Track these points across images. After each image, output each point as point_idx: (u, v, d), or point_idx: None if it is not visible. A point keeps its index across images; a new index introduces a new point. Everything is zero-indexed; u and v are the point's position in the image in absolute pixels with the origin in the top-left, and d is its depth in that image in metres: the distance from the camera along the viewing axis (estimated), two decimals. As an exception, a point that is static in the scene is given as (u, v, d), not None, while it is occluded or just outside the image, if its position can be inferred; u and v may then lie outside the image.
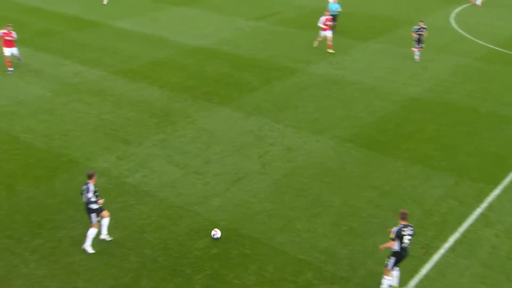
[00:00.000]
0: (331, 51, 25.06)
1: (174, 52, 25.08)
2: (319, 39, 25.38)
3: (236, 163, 16.05)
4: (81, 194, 12.34)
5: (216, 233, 12.89)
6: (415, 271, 12.12)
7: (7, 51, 21.61)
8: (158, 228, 13.27)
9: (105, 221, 12.56)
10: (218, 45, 26.09)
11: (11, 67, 21.87)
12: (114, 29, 28.00)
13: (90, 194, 12.07)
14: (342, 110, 19.61)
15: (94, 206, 12.20)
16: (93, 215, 12.28)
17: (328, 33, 24.99)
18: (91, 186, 12.15)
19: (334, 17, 27.16)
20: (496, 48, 26.38)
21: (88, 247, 12.36)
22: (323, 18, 25.10)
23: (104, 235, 12.69)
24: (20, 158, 16.07)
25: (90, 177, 12.24)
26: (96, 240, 12.66)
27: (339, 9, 27.76)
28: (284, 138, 17.50)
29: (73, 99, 20.05)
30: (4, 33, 21.36)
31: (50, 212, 13.73)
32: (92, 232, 12.32)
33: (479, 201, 14.61)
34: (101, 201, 12.39)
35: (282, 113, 19.25)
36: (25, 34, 26.67)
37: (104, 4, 32.57)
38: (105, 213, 12.50)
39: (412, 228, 11.10)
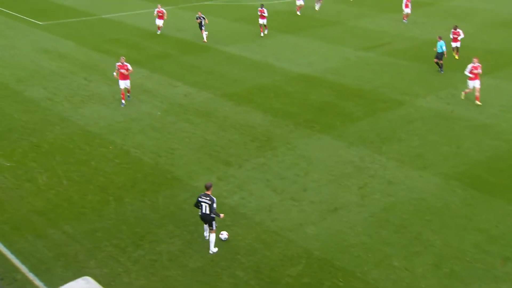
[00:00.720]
0: (478, 103, 22.11)
1: (280, 78, 25.63)
2: (467, 90, 22.44)
3: (334, 192, 15.96)
4: (197, 205, 13.25)
5: (223, 234, 13.56)
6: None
7: (122, 84, 21.90)
8: (251, 251, 13.49)
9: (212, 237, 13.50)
10: (324, 73, 26.28)
11: (124, 100, 22.20)
12: (223, 54, 29.24)
13: (215, 205, 13.11)
14: (449, 146, 18.85)
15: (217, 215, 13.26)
16: (214, 222, 13.24)
17: (477, 84, 22.05)
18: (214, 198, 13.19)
19: (440, 55, 25.92)
20: None
21: (213, 249, 13.38)
22: (470, 66, 21.88)
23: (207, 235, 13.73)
24: (129, 172, 17.18)
25: (208, 188, 13.25)
26: (193, 257, 13.15)
27: (444, 48, 25.94)
28: (386, 171, 17.14)
29: (181, 119, 21.14)
30: (119, 65, 21.78)
31: (152, 226, 14.49)
32: (213, 237, 13.33)
33: None
34: (222, 215, 13.40)
35: (385, 145, 18.90)
36: (143, 56, 28.69)
37: (212, 34, 34.11)
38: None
39: None
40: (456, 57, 25.84)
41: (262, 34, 32.31)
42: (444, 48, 25.78)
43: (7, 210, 15.27)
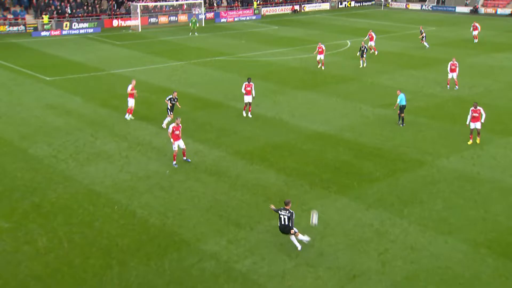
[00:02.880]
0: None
1: (294, 136, 25.84)
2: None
3: (352, 258, 15.70)
4: (283, 221, 15.68)
5: (313, 217, 15.89)
6: None
7: (175, 145, 22.23)
8: (264, 321, 13.16)
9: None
10: (340, 131, 26.47)
11: (175, 160, 22.25)
12: (236, 110, 29.65)
13: (293, 217, 15.86)
14: (476, 210, 18.60)
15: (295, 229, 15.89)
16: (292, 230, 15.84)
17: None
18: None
19: (402, 108, 26.82)
20: None
21: (304, 238, 16.07)
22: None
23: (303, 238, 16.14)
24: (134, 234, 17.12)
25: (287, 204, 15.81)
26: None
27: (404, 102, 26.79)
28: (408, 236, 16.89)
29: (190, 178, 21.23)
30: (174, 127, 22.11)
31: (157, 292, 14.27)
32: (296, 237, 15.99)
33: None
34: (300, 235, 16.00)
35: (406, 208, 18.72)
36: (153, 112, 29.18)
37: (231, 90, 34.77)
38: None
39: None
40: (478, 141, 24.93)
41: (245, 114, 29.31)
42: (404, 102, 26.96)
43: (3, 275, 15.16)
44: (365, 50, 40.62)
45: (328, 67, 40.63)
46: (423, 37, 48.95)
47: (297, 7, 79.43)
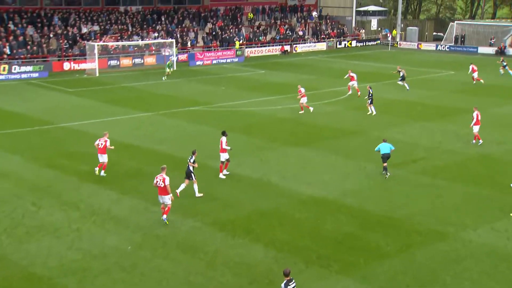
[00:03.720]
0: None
1: (286, 202, 25.78)
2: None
3: None
4: None
5: None
6: None
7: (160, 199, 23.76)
8: None
9: None
10: (342, 196, 26.49)
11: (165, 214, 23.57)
12: (213, 170, 29.60)
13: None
14: (510, 293, 18.47)
15: None
16: None
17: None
18: None
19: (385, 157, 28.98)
20: None
21: None
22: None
23: None
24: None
25: (287, 274, 16.55)
26: None
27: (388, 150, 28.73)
28: (428, 327, 16.63)
29: (158, 255, 20.94)
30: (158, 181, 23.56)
31: None
32: None
33: None
34: None
35: (425, 291, 18.54)
36: (111, 175, 29.03)
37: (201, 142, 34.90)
38: None
39: None
40: None
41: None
42: (387, 151, 28.81)
43: None
44: (370, 94, 42.10)
45: (326, 118, 41.10)
46: (401, 77, 52.23)
47: (287, 48, 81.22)
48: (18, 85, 54.99)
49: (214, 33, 77.11)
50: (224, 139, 28.67)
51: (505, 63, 60.54)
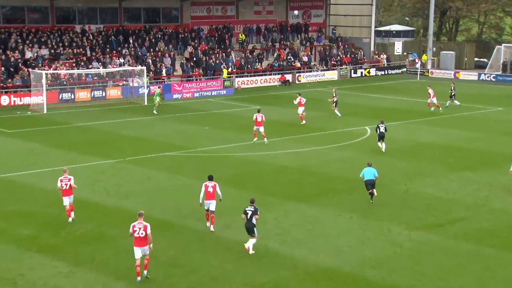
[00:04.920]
0: None
1: (287, 275, 25.62)
2: None
3: None
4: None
5: None
6: None
7: (138, 253, 24.95)
8: None
9: None
10: (360, 267, 26.36)
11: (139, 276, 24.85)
12: (194, 233, 29.42)
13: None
14: None
15: None
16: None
17: None
18: None
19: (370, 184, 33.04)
20: None
21: None
22: None
23: None
24: None
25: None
26: None
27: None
28: None
29: None
30: (134, 229, 24.95)
31: None
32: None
33: None
34: None
35: None
36: (61, 240, 28.82)
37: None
38: None
39: None
40: None
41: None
42: (372, 177, 32.59)
43: None
44: (378, 128, 44.53)
45: (338, 166, 41.10)
46: (334, 102, 56.57)
47: (289, 77, 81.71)
48: None
49: (195, 58, 77.70)
50: (211, 182, 30.11)
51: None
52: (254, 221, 27.14)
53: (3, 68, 65.13)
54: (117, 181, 38.09)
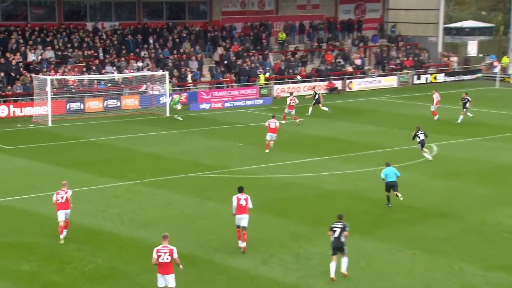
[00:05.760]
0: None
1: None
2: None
3: None
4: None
5: None
6: None
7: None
8: None
9: None
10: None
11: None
12: (227, 271, 29.43)
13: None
14: None
15: None
16: None
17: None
18: None
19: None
20: None
21: None
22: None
23: None
24: None
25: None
26: None
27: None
28: None
29: None
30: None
31: None
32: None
33: None
34: None
35: None
36: (67, 277, 28.95)
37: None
38: None
39: None
40: None
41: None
42: (393, 178, 35.30)
43: None
44: (417, 136, 46.63)
45: (399, 192, 40.88)
46: (314, 99, 59.82)
47: (338, 84, 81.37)
48: None
49: (227, 62, 77.67)
50: (242, 194, 31.09)
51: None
52: (343, 239, 28.72)
53: (2, 74, 65.37)
54: (133, 207, 38.17)
